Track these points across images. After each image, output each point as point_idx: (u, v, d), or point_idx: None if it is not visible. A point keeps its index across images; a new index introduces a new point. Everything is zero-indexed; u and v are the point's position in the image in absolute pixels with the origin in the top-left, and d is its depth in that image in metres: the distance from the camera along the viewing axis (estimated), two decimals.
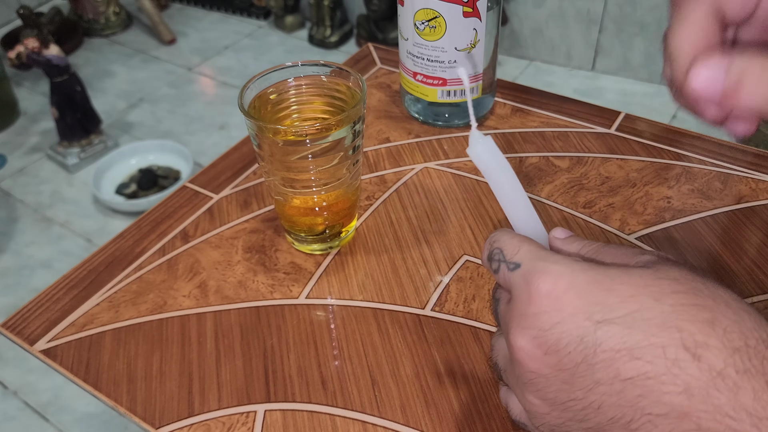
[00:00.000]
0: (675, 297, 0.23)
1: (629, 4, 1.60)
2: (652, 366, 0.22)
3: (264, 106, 0.42)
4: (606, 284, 0.24)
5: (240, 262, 0.45)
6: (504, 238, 0.28)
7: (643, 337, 0.22)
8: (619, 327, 0.23)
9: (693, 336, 0.22)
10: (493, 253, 0.28)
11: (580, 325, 0.23)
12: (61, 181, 1.53)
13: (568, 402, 0.24)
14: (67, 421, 1.07)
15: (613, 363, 0.22)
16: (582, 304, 0.23)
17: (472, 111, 0.30)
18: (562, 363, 0.24)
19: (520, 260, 0.26)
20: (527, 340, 0.24)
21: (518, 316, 0.25)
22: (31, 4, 2.12)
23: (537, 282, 0.25)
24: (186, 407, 0.37)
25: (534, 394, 0.25)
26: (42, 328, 0.42)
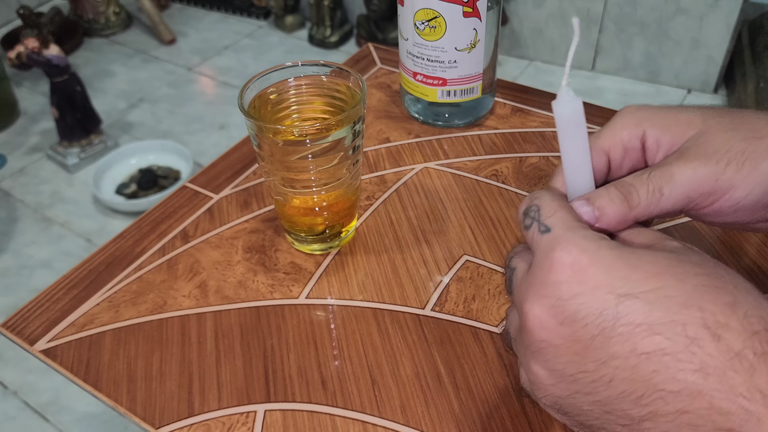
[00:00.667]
0: (698, 278, 0.23)
1: (629, 4, 1.60)
2: (670, 342, 0.22)
3: (264, 106, 0.42)
4: (632, 261, 0.24)
5: (240, 262, 0.45)
6: (545, 198, 0.27)
7: (664, 314, 0.22)
8: (642, 302, 0.23)
9: (714, 316, 0.22)
10: (530, 209, 0.27)
11: (601, 298, 0.23)
12: (61, 181, 1.53)
13: (578, 374, 0.24)
14: (67, 421, 1.07)
15: (631, 337, 0.22)
16: (605, 278, 0.23)
17: (569, 63, 0.28)
18: (576, 334, 0.24)
19: (552, 225, 0.26)
20: (543, 309, 0.24)
21: (537, 284, 0.25)
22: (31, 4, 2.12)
23: (562, 251, 0.24)
24: (186, 407, 0.37)
25: (541, 364, 0.25)
26: (42, 328, 0.42)
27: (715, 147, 0.27)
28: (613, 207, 0.27)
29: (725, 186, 0.27)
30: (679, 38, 1.60)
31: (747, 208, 0.28)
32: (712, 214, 0.29)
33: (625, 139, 0.30)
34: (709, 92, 1.65)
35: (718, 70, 1.61)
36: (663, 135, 0.29)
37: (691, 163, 0.27)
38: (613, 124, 0.30)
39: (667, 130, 0.29)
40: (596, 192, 0.28)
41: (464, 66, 0.52)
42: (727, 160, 0.27)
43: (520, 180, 0.50)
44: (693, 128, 0.29)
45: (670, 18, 1.58)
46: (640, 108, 0.30)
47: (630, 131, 0.29)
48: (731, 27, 1.53)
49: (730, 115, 0.29)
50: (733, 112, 0.29)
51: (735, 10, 1.50)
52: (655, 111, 0.30)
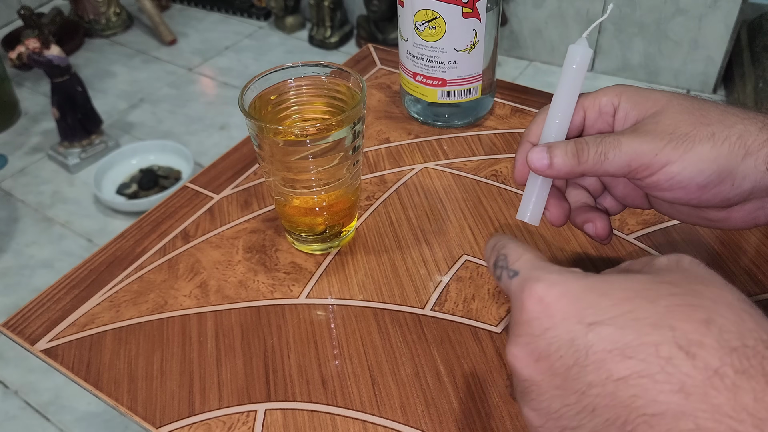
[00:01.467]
0: (670, 299, 0.23)
1: (628, 4, 1.60)
2: (645, 364, 0.22)
3: (264, 107, 0.42)
4: (601, 289, 0.24)
5: (240, 262, 0.45)
6: (510, 246, 0.28)
7: (635, 336, 0.22)
8: (611, 327, 0.23)
9: (687, 335, 0.22)
10: (498, 259, 0.28)
11: (570, 329, 0.23)
12: (62, 181, 1.53)
13: (562, 409, 0.24)
14: (68, 420, 1.07)
15: (605, 363, 0.22)
16: (574, 308, 0.23)
17: (595, 25, 0.34)
18: (553, 368, 0.24)
19: (519, 268, 0.26)
20: (520, 348, 0.25)
21: (513, 325, 0.25)
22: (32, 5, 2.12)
23: (530, 289, 0.25)
24: (187, 407, 0.37)
25: (528, 406, 0.25)
26: (43, 327, 0.42)
27: (664, 126, 0.31)
28: (564, 158, 0.32)
29: (662, 161, 0.30)
30: (678, 39, 1.60)
31: (683, 186, 0.31)
32: (652, 186, 0.31)
33: (602, 104, 0.34)
34: (708, 92, 1.65)
35: (717, 70, 1.61)
36: (632, 110, 0.33)
37: (638, 137, 0.31)
38: (597, 90, 0.34)
39: (636, 106, 0.33)
40: (556, 143, 0.32)
41: (464, 66, 0.52)
42: (669, 138, 0.30)
43: None
44: (655, 108, 0.32)
45: (669, 18, 1.58)
46: (625, 85, 0.34)
47: (608, 98, 0.34)
48: (730, 27, 1.53)
49: (692, 102, 0.32)
50: (696, 101, 0.32)
51: (734, 11, 1.50)
52: (634, 89, 0.34)
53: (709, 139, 0.30)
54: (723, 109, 0.31)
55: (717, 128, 0.30)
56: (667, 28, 1.60)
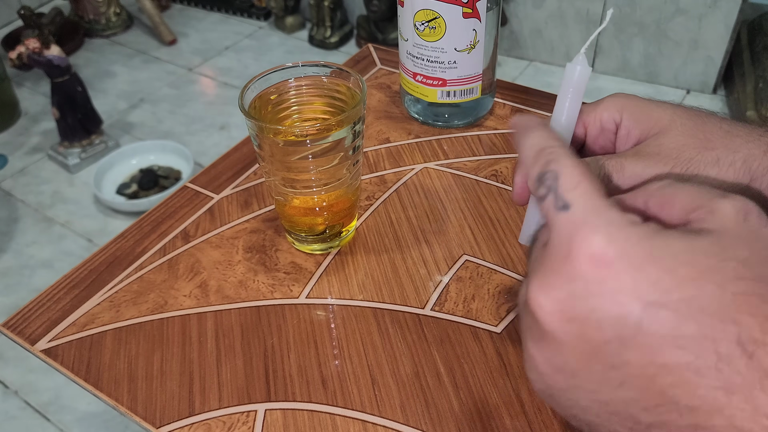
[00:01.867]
0: (738, 284, 0.21)
1: (628, 4, 1.60)
2: (696, 358, 0.20)
3: (264, 107, 0.42)
4: (665, 262, 0.21)
5: (240, 262, 0.45)
6: (565, 162, 0.24)
7: (696, 329, 0.20)
8: (671, 313, 0.20)
9: (751, 332, 0.20)
10: (546, 175, 0.24)
11: (623, 302, 0.21)
12: (62, 181, 1.53)
13: (581, 371, 0.22)
14: (68, 420, 1.07)
15: (653, 348, 0.21)
16: (631, 280, 0.21)
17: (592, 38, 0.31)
18: (586, 335, 0.21)
19: (573, 201, 0.22)
20: (550, 300, 0.22)
21: (549, 270, 0.22)
22: (32, 5, 2.12)
23: (583, 240, 0.21)
24: (187, 406, 0.37)
25: (539, 351, 0.23)
26: (43, 327, 0.42)
27: (668, 150, 0.30)
28: None
29: None
30: (678, 39, 1.60)
31: None
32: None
33: (604, 120, 0.33)
34: (708, 93, 1.65)
35: (717, 70, 1.61)
36: (634, 128, 0.32)
37: (642, 161, 0.30)
38: (598, 103, 0.33)
39: (638, 124, 0.32)
40: None
41: (464, 66, 0.52)
42: (673, 164, 0.30)
43: None
44: (659, 127, 0.31)
45: (669, 19, 1.58)
46: (627, 96, 0.33)
47: (609, 114, 0.33)
48: (730, 28, 1.53)
49: (696, 122, 0.31)
50: (700, 118, 0.31)
51: (734, 11, 1.50)
52: (636, 103, 0.32)
53: (714, 165, 0.29)
54: (727, 130, 0.30)
55: (721, 153, 0.30)
56: (667, 28, 1.60)
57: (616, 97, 0.33)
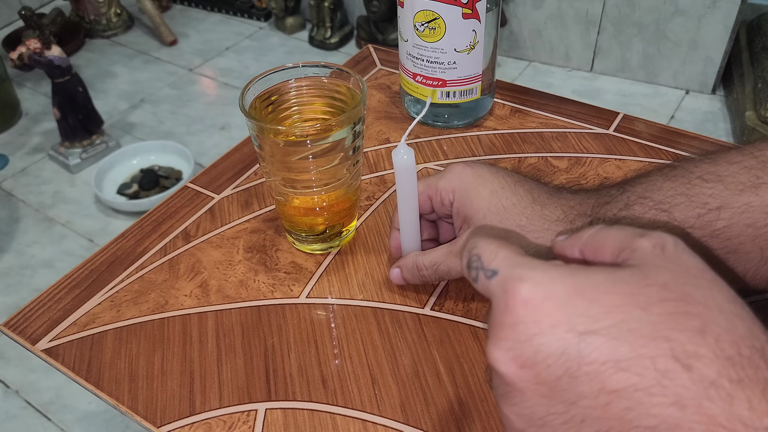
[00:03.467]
0: (663, 305, 0.22)
1: (627, 5, 1.61)
2: (640, 378, 0.21)
3: (265, 107, 0.42)
4: (588, 294, 0.23)
5: (241, 262, 0.45)
6: (482, 244, 0.26)
7: (630, 349, 0.21)
8: (605, 338, 0.22)
9: (683, 346, 0.21)
10: (471, 260, 0.26)
11: (561, 337, 0.22)
12: (63, 181, 1.54)
13: (547, 417, 0.23)
14: (69, 420, 1.07)
15: (599, 375, 0.22)
16: (563, 314, 0.22)
17: (412, 126, 0.39)
18: (540, 377, 0.23)
19: (497, 267, 0.25)
20: (502, 352, 0.23)
21: (495, 326, 0.24)
22: (33, 5, 2.12)
23: (513, 290, 0.23)
24: (187, 406, 0.37)
25: (509, 409, 0.24)
26: (44, 327, 0.42)
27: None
28: (410, 274, 0.40)
29: None
30: (678, 39, 1.60)
31: None
32: None
33: (442, 197, 0.39)
34: (707, 93, 1.65)
35: (716, 71, 1.61)
36: (461, 209, 0.38)
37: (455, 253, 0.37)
38: (437, 179, 0.39)
39: (463, 208, 0.38)
40: (404, 262, 0.40)
41: (463, 67, 0.52)
42: None
43: None
44: (476, 216, 0.37)
45: (668, 19, 1.58)
46: (461, 179, 0.38)
47: (446, 193, 0.38)
48: (729, 28, 1.53)
49: (501, 215, 0.36)
50: (506, 212, 0.37)
51: (733, 12, 1.51)
52: (464, 188, 0.38)
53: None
54: (523, 225, 0.36)
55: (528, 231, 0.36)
56: (666, 28, 1.60)
57: (452, 177, 0.38)
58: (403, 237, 0.41)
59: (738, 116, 1.49)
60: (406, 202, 0.39)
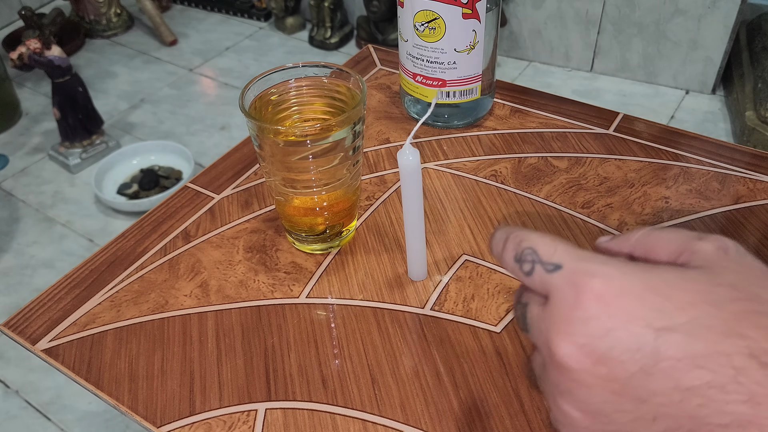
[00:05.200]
0: (735, 305, 0.22)
1: (627, 5, 1.61)
2: (716, 375, 0.21)
3: (265, 107, 0.42)
4: (662, 290, 0.22)
5: (241, 262, 0.45)
6: (534, 238, 0.26)
7: (707, 345, 0.21)
8: (681, 335, 0.22)
9: (759, 343, 0.21)
10: (524, 254, 0.25)
11: (637, 332, 0.22)
12: (63, 181, 1.54)
13: (615, 414, 0.23)
14: (69, 420, 1.07)
15: (674, 372, 0.21)
16: (638, 310, 0.22)
17: (417, 126, 0.37)
18: (613, 373, 0.22)
19: (561, 261, 0.24)
20: (574, 348, 0.23)
21: (561, 321, 0.23)
22: (33, 5, 2.12)
23: (584, 284, 0.23)
24: (187, 406, 0.37)
25: (572, 405, 0.24)
26: (44, 327, 0.42)
27: None
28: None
29: None
30: (678, 39, 1.60)
31: None
32: None
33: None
34: (707, 93, 1.65)
35: (716, 71, 1.61)
36: None
37: None
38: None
39: None
40: None
41: (463, 67, 0.52)
42: None
43: (518, 180, 0.50)
44: None
45: (668, 19, 1.58)
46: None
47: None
48: (729, 28, 1.53)
49: None
50: None
51: (733, 12, 1.50)
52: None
53: None
54: None
55: None
56: (666, 28, 1.60)
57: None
58: (408, 237, 0.41)
59: (738, 116, 1.49)
60: (411, 202, 0.38)
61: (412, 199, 0.38)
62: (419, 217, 0.39)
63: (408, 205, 0.39)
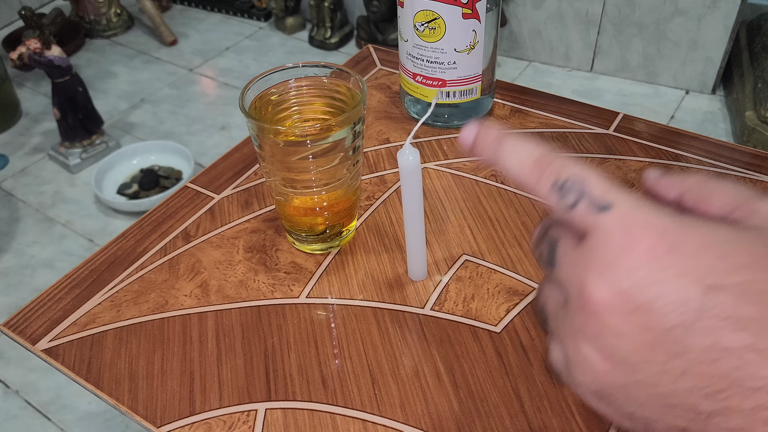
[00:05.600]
0: None
1: (627, 5, 1.61)
2: (757, 338, 0.21)
3: (265, 107, 0.42)
4: (718, 249, 0.22)
5: (241, 262, 0.45)
6: (578, 170, 0.24)
7: (754, 309, 0.21)
8: (731, 295, 0.21)
9: None
10: (568, 183, 0.23)
11: (686, 287, 0.21)
12: (63, 181, 1.54)
13: (642, 364, 0.22)
14: (69, 420, 1.07)
15: (715, 331, 0.21)
16: (691, 266, 0.21)
17: (417, 127, 0.38)
18: (650, 324, 0.22)
19: (613, 201, 0.23)
20: (613, 293, 0.22)
21: (604, 264, 0.22)
22: (33, 5, 2.12)
23: (638, 233, 0.22)
24: (187, 406, 0.37)
25: (596, 348, 0.23)
26: (44, 327, 0.42)
27: None
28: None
29: None
30: (678, 39, 1.60)
31: None
32: None
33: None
34: (707, 93, 1.65)
35: (716, 71, 1.61)
36: None
37: None
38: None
39: None
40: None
41: (463, 67, 0.52)
42: None
43: None
44: None
45: (668, 19, 1.58)
46: None
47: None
48: (729, 28, 1.53)
49: None
50: None
51: (733, 12, 1.51)
52: None
53: None
54: None
55: None
56: (666, 28, 1.60)
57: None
58: (408, 237, 0.41)
59: (738, 116, 1.49)
60: (411, 202, 0.39)
61: (412, 199, 0.38)
62: (419, 217, 0.39)
63: (408, 205, 0.39)
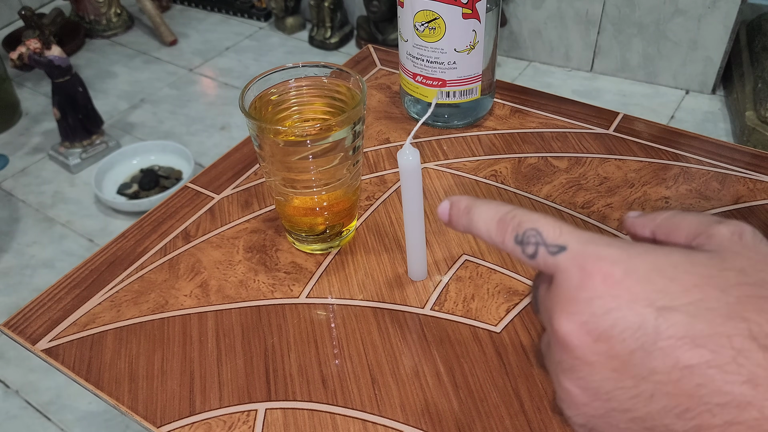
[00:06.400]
0: (741, 289, 0.22)
1: (627, 5, 1.61)
2: (715, 354, 0.21)
3: (265, 107, 0.42)
4: (668, 272, 0.23)
5: (241, 262, 0.45)
6: (535, 219, 0.26)
7: (708, 326, 0.21)
8: (683, 315, 0.22)
9: (761, 327, 0.21)
10: (526, 235, 0.26)
11: (639, 311, 0.22)
12: (63, 181, 1.54)
13: (615, 391, 0.23)
14: (69, 420, 1.07)
15: (674, 351, 0.22)
16: (642, 290, 0.22)
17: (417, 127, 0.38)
18: (614, 350, 0.23)
19: (566, 243, 0.24)
20: (575, 326, 0.23)
21: (565, 301, 0.24)
22: (33, 5, 2.12)
23: (591, 267, 0.23)
24: (187, 406, 0.37)
25: (573, 383, 0.24)
26: (44, 327, 0.42)
27: None
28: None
29: None
30: (678, 39, 1.60)
31: None
32: None
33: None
34: (707, 93, 1.65)
35: (716, 71, 1.61)
36: None
37: None
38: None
39: None
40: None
41: (463, 67, 0.52)
42: None
43: (518, 180, 0.50)
44: None
45: (668, 19, 1.58)
46: None
47: None
48: (729, 28, 1.53)
49: None
50: None
51: (733, 12, 1.51)
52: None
53: None
54: None
55: None
56: (666, 28, 1.60)
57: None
58: (408, 237, 0.41)
59: (738, 116, 1.49)
60: (411, 202, 0.39)
61: (412, 199, 0.38)
62: (419, 217, 0.39)
63: (408, 205, 0.39)
